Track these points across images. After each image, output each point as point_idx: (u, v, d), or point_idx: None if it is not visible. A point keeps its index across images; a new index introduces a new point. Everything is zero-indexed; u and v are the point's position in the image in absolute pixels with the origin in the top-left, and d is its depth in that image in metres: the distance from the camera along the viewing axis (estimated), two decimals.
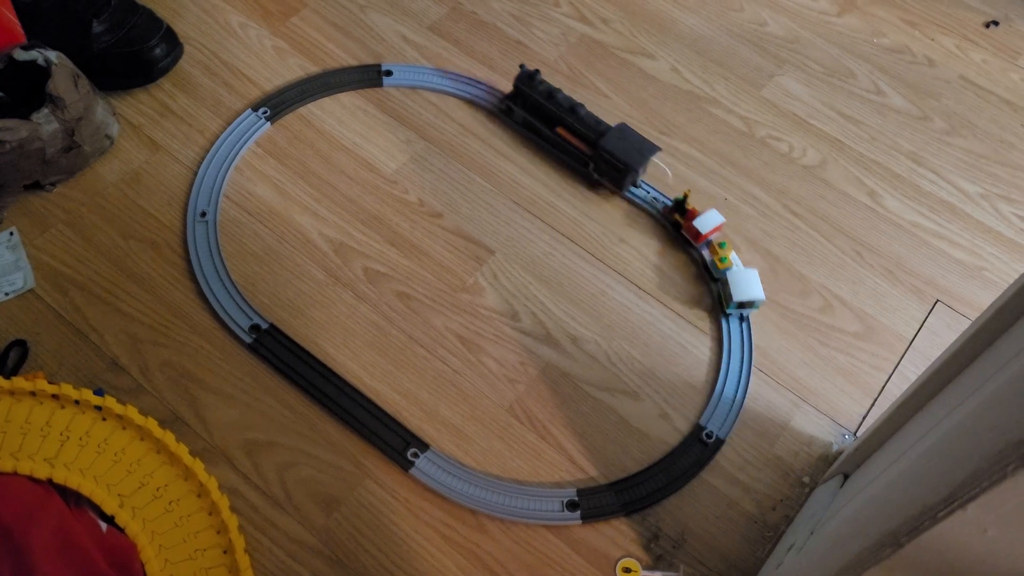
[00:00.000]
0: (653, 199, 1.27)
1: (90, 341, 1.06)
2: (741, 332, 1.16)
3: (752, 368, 1.13)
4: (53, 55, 1.13)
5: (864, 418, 1.12)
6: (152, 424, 0.93)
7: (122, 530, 0.87)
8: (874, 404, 1.13)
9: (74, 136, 1.13)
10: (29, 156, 1.10)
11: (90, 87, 1.17)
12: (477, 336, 1.12)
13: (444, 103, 1.34)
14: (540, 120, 1.30)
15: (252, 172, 1.23)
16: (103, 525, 0.87)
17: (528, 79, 1.28)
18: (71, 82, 1.13)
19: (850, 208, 1.30)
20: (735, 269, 1.18)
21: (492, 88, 1.36)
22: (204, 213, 1.17)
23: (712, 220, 1.21)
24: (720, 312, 1.18)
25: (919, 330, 1.20)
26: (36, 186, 1.16)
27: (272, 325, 1.09)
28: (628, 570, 0.98)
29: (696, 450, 1.06)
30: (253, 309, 1.10)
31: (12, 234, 1.13)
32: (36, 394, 0.92)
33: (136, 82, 1.29)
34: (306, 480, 1.00)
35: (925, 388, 0.81)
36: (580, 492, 1.02)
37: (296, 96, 1.31)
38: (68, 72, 1.13)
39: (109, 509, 0.87)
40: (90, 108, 1.16)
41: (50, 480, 0.86)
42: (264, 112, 1.28)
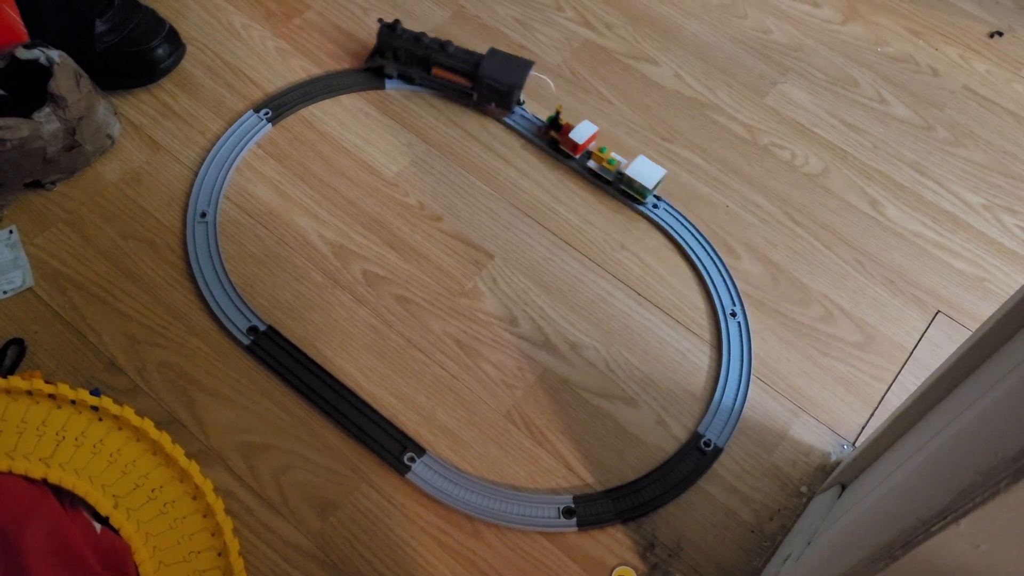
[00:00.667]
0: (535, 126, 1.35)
1: (88, 341, 1.06)
2: (741, 340, 1.15)
3: (751, 376, 1.13)
4: (55, 54, 1.13)
5: (863, 428, 1.11)
6: (148, 425, 0.93)
7: (116, 531, 0.87)
8: (873, 414, 1.12)
9: (75, 135, 1.13)
10: (30, 155, 1.10)
11: (92, 86, 1.17)
12: (475, 341, 1.12)
13: (446, 107, 1.34)
14: (415, 67, 1.33)
15: (253, 173, 1.23)
16: (97, 526, 0.86)
17: (390, 30, 1.31)
18: (73, 81, 1.13)
19: (852, 217, 1.30)
20: (625, 164, 1.26)
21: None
22: (204, 214, 1.17)
23: (587, 130, 1.28)
24: (636, 206, 1.27)
25: (919, 340, 1.19)
26: (36, 185, 1.16)
27: (270, 327, 1.09)
28: None
29: (694, 458, 1.06)
30: (251, 311, 1.10)
31: (11, 232, 1.13)
32: (33, 393, 0.91)
33: (138, 82, 1.29)
34: (302, 483, 1.00)
35: (924, 400, 0.80)
36: (576, 499, 1.01)
37: (298, 98, 1.31)
38: (70, 71, 1.13)
39: (104, 510, 0.87)
40: (92, 107, 1.16)
41: (45, 480, 0.86)
42: (266, 113, 1.28)
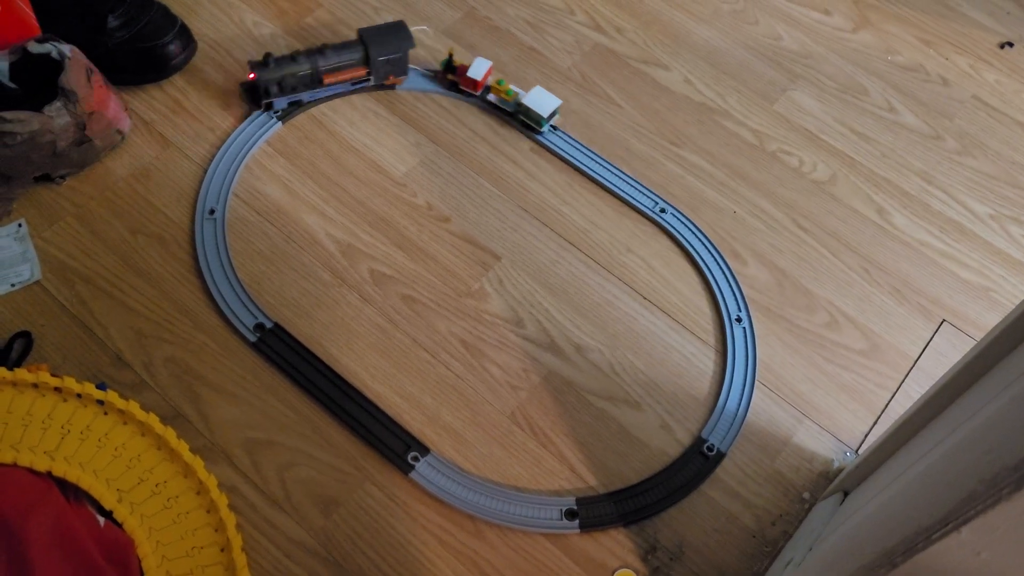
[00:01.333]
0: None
1: (95, 335, 1.07)
2: (746, 345, 1.15)
3: (755, 382, 1.13)
4: (67, 49, 1.13)
5: (866, 436, 1.11)
6: (154, 420, 0.93)
7: (120, 525, 0.87)
8: (877, 422, 1.13)
9: (85, 130, 1.14)
10: (40, 148, 1.10)
11: (103, 81, 1.17)
12: (481, 342, 1.12)
13: (455, 107, 1.34)
14: (306, 88, 1.30)
15: (262, 171, 1.23)
16: (101, 520, 0.87)
17: (263, 66, 1.25)
18: (84, 76, 1.13)
19: (859, 225, 1.30)
20: (523, 95, 1.31)
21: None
22: (213, 211, 1.17)
23: (482, 66, 1.32)
24: (533, 135, 1.32)
25: (924, 349, 1.19)
26: (46, 178, 1.17)
27: (276, 324, 1.10)
28: None
29: (697, 462, 1.06)
30: (258, 308, 1.10)
31: (20, 225, 1.13)
32: (39, 386, 0.92)
33: (149, 78, 1.29)
34: (305, 480, 1.00)
35: (927, 408, 0.80)
36: (579, 501, 1.01)
37: (308, 96, 1.31)
38: (81, 66, 1.14)
39: (108, 504, 0.87)
40: (102, 103, 1.16)
41: (50, 473, 0.86)
42: (275, 112, 1.28)
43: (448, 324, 1.13)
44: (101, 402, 0.93)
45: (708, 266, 1.22)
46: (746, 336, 1.16)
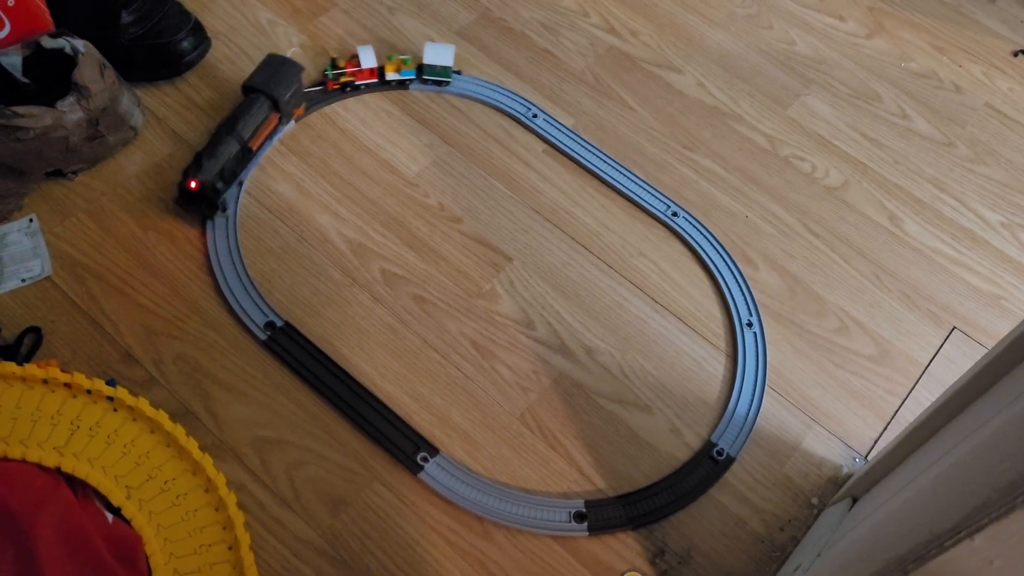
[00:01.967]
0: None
1: (105, 331, 1.07)
2: (756, 350, 1.15)
3: (766, 387, 1.13)
4: (80, 44, 1.13)
5: (876, 442, 1.11)
6: (163, 417, 0.93)
7: (128, 522, 0.87)
8: (886, 428, 1.12)
9: (98, 126, 1.14)
10: (52, 144, 1.10)
11: (116, 77, 1.17)
12: (491, 343, 1.12)
13: (468, 108, 1.34)
14: (242, 167, 1.20)
15: (274, 169, 1.23)
16: (109, 516, 0.87)
17: (198, 166, 1.14)
18: (97, 71, 1.13)
19: (870, 231, 1.30)
20: (422, 57, 1.34)
21: (517, 95, 1.36)
22: (224, 208, 1.17)
23: (368, 53, 1.34)
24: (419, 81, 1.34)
25: (935, 356, 1.19)
26: (58, 174, 1.17)
27: (287, 323, 1.10)
28: None
29: (706, 467, 1.06)
30: (269, 306, 1.10)
31: (32, 221, 1.13)
32: (48, 382, 0.92)
33: (162, 74, 1.29)
34: (314, 479, 1.00)
35: (938, 415, 0.80)
36: (588, 504, 1.01)
37: (321, 95, 1.31)
38: (95, 61, 1.14)
39: (116, 500, 0.87)
40: (115, 98, 1.16)
41: (58, 469, 0.86)
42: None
43: (459, 325, 1.13)
44: (111, 398, 0.93)
45: (719, 270, 1.21)
46: (757, 341, 1.16)
